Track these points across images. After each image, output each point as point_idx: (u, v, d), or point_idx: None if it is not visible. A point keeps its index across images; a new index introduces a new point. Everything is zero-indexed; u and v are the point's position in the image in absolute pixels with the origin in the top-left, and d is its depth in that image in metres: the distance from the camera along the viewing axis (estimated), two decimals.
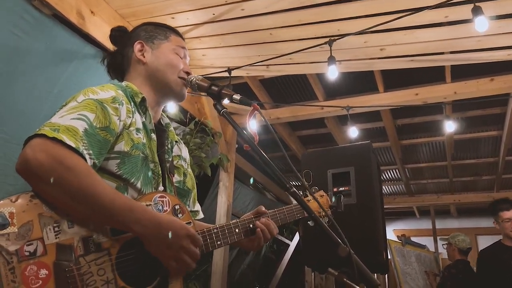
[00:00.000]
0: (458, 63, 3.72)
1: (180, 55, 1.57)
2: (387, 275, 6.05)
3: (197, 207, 1.71)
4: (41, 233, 1.08)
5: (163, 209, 1.29)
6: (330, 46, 3.18)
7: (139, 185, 1.30)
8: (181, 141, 1.72)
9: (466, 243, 4.60)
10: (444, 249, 4.95)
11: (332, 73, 3.19)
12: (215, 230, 1.37)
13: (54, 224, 1.10)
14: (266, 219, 1.52)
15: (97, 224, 1.16)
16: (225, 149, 4.58)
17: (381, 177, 5.34)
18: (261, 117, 1.32)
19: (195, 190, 1.72)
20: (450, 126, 4.13)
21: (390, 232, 8.75)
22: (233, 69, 3.74)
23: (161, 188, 1.41)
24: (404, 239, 6.04)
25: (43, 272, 1.05)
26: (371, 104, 4.45)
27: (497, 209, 3.78)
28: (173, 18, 3.13)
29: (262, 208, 1.57)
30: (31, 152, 1.08)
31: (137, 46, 1.54)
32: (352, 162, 3.19)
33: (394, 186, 7.93)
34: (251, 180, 5.97)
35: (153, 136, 1.44)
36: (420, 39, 3.31)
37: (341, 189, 3.12)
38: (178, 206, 1.33)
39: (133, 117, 1.36)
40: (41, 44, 2.54)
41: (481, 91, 4.04)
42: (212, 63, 3.80)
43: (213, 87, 1.44)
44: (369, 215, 3.01)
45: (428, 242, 7.18)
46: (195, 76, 1.52)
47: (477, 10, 2.53)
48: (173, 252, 1.19)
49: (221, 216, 4.47)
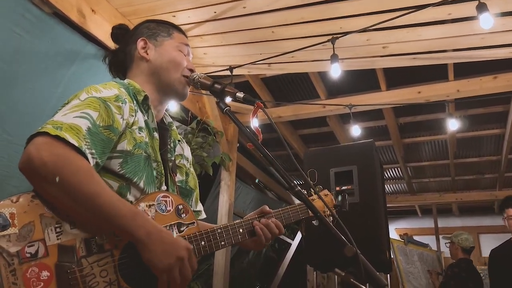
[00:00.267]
0: (461, 61, 3.70)
1: (183, 52, 1.55)
2: (389, 274, 6.03)
3: (200, 207, 1.69)
4: (43, 234, 1.06)
5: (166, 209, 1.27)
6: (333, 44, 3.16)
7: (142, 184, 1.28)
8: (184, 140, 1.70)
9: (469, 242, 4.59)
10: (447, 247, 4.93)
11: (335, 71, 3.17)
12: (219, 230, 1.35)
13: (56, 225, 1.08)
14: (266, 219, 1.50)
15: (98, 227, 1.14)
16: (227, 148, 4.56)
17: (384, 175, 5.31)
18: (264, 115, 1.30)
19: (198, 190, 1.70)
20: (453, 124, 4.11)
21: (392, 231, 8.68)
22: (234, 68, 3.71)
23: (164, 187, 1.39)
24: (407, 238, 6.03)
25: (45, 274, 1.03)
26: (373, 103, 4.43)
27: (504, 206, 3.79)
28: (174, 16, 3.11)
29: (266, 208, 1.55)
30: (35, 151, 1.06)
31: (140, 44, 1.52)
32: (355, 161, 3.17)
33: (396, 184, 7.91)
34: (257, 180, 5.95)
35: (156, 135, 1.42)
36: (423, 37, 3.29)
37: (343, 188, 3.10)
38: (181, 206, 1.31)
39: (135, 115, 1.34)
40: (43, 44, 2.52)
41: (484, 89, 4.03)
42: (213, 62, 3.78)
43: (216, 85, 1.42)
44: (372, 214, 3.00)
45: (430, 241, 7.17)
46: (198, 74, 1.50)
47: (482, 7, 2.51)
48: (169, 262, 1.12)
49: (222, 216, 4.45)
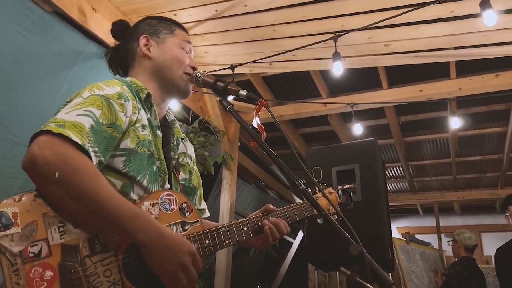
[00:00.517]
0: (463, 59, 3.69)
1: (185, 49, 1.54)
2: (391, 273, 6.02)
3: (204, 205, 1.68)
4: (46, 234, 1.05)
5: (170, 207, 1.26)
6: (335, 42, 3.15)
7: (145, 183, 1.27)
8: (187, 138, 1.69)
9: (472, 240, 4.57)
10: (449, 245, 4.91)
11: (337, 69, 3.15)
12: (223, 229, 1.34)
13: (59, 224, 1.07)
14: (275, 218, 1.48)
15: (101, 226, 1.13)
16: (228, 147, 4.55)
17: (385, 174, 5.30)
18: (265, 114, 1.29)
19: (201, 188, 1.69)
20: (455, 123, 4.10)
21: (393, 230, 8.68)
22: (236, 66, 3.70)
23: (167, 186, 1.38)
24: (409, 237, 6.01)
25: (48, 273, 1.02)
26: (374, 101, 4.41)
27: (507, 203, 3.78)
28: (175, 15, 3.10)
29: (270, 206, 1.54)
30: (38, 150, 1.05)
31: (142, 41, 1.51)
32: (357, 160, 3.17)
33: (398, 183, 7.90)
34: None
35: (159, 133, 1.41)
36: (425, 35, 3.28)
37: (346, 186, 3.09)
38: (185, 204, 1.30)
39: (138, 113, 1.33)
40: (44, 43, 2.51)
41: (486, 87, 4.01)
42: (214, 60, 3.77)
43: (219, 83, 1.41)
44: (374, 213, 3.00)
45: (432, 239, 7.15)
46: (200, 71, 1.50)
47: (485, 4, 2.50)
48: (172, 268, 1.11)
49: (224, 215, 4.45)
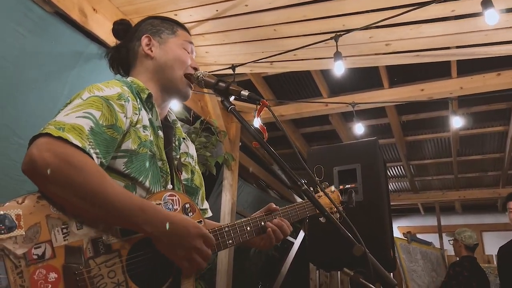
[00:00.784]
0: (464, 58, 3.69)
1: (187, 50, 1.54)
2: (392, 273, 6.02)
3: (206, 205, 1.68)
4: (49, 235, 1.04)
5: (173, 207, 1.25)
6: (336, 42, 3.14)
7: (147, 183, 1.27)
8: (188, 138, 1.69)
9: (473, 239, 4.54)
10: (451, 245, 4.90)
11: (338, 68, 3.15)
12: (226, 229, 1.34)
13: (62, 226, 1.07)
14: (279, 220, 1.48)
15: (106, 225, 1.13)
16: (229, 147, 4.55)
17: (387, 173, 5.30)
18: (266, 114, 1.29)
19: (203, 188, 1.69)
20: (457, 122, 4.09)
21: (394, 229, 8.67)
22: (237, 66, 3.70)
23: (169, 186, 1.37)
24: (410, 236, 6.00)
25: (52, 275, 1.02)
26: (375, 100, 4.41)
27: (507, 200, 3.79)
28: (176, 15, 3.10)
29: (273, 205, 1.53)
30: (37, 152, 1.05)
31: (144, 40, 1.50)
32: (359, 159, 3.16)
33: (399, 183, 7.90)
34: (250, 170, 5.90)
35: (160, 133, 1.40)
36: (426, 34, 3.27)
37: (347, 186, 3.08)
38: (188, 204, 1.30)
39: (139, 114, 1.32)
40: (46, 44, 2.51)
41: (488, 86, 4.01)
42: (215, 60, 3.77)
43: (220, 83, 1.41)
44: (376, 212, 2.99)
45: (433, 239, 7.14)
46: (202, 72, 1.49)
47: (486, 3, 2.49)
48: (185, 252, 1.16)
49: (225, 215, 4.45)
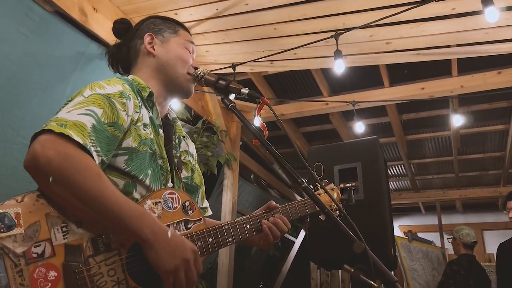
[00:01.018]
0: (464, 56, 3.68)
1: (189, 49, 1.54)
2: (393, 271, 6.01)
3: (206, 203, 1.68)
4: (49, 234, 1.04)
5: (173, 206, 1.25)
6: (336, 40, 3.14)
7: (147, 181, 1.27)
8: (188, 137, 1.69)
9: (471, 237, 4.46)
10: (450, 243, 4.87)
11: (339, 67, 3.15)
12: (226, 227, 1.34)
13: (62, 224, 1.07)
14: (274, 218, 1.48)
15: (105, 225, 1.13)
16: (230, 147, 4.55)
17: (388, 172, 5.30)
18: (266, 113, 1.29)
19: (203, 187, 1.69)
20: (457, 120, 4.09)
21: (395, 228, 8.68)
22: (237, 65, 3.70)
23: (170, 184, 1.37)
24: (411, 235, 5.99)
25: (52, 274, 1.01)
26: (376, 99, 4.41)
27: (507, 199, 3.78)
28: (176, 14, 3.10)
29: (273, 203, 1.53)
30: (40, 149, 1.04)
31: (147, 38, 1.50)
32: (359, 158, 3.15)
33: (400, 182, 7.89)
34: (252, 176, 5.93)
35: (161, 131, 1.41)
36: (426, 32, 3.27)
37: (348, 185, 3.08)
38: (188, 202, 1.29)
39: (140, 112, 1.32)
40: (48, 43, 2.52)
41: (488, 84, 4.00)
42: (216, 60, 3.76)
43: (221, 81, 1.41)
44: (377, 211, 2.98)
45: (434, 238, 7.14)
46: (202, 70, 1.49)
47: (487, 1, 2.49)
48: (175, 263, 1.11)
49: (226, 214, 4.45)
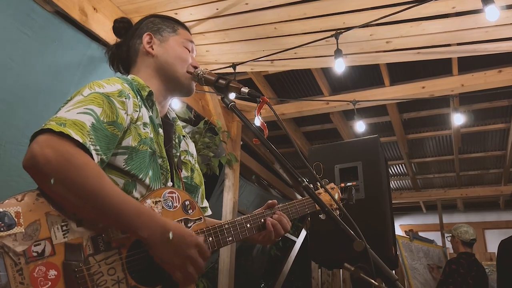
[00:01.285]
0: (465, 55, 3.68)
1: (188, 48, 1.54)
2: (394, 271, 6.00)
3: (206, 203, 1.68)
4: (49, 233, 1.04)
5: (173, 205, 1.25)
6: (337, 39, 3.14)
7: (147, 181, 1.27)
8: (188, 136, 1.69)
9: (469, 234, 4.42)
10: (449, 241, 4.85)
11: (339, 66, 3.15)
12: (226, 226, 1.34)
13: (62, 223, 1.07)
14: (279, 214, 1.48)
15: (105, 224, 1.13)
16: (230, 147, 4.55)
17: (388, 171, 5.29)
18: (267, 113, 1.29)
19: (203, 186, 1.69)
20: (458, 119, 4.08)
21: (396, 228, 8.68)
22: (237, 65, 3.70)
23: (170, 183, 1.37)
24: (412, 234, 5.99)
25: (52, 273, 1.02)
26: (377, 98, 4.40)
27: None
28: (176, 14, 3.10)
29: (272, 202, 1.54)
30: (38, 148, 1.05)
31: (145, 38, 1.50)
32: (360, 157, 3.16)
33: (401, 181, 7.89)
34: (253, 177, 5.94)
35: (161, 131, 1.41)
36: (426, 31, 3.27)
37: (348, 184, 3.07)
38: (188, 201, 1.29)
39: (140, 111, 1.32)
40: (50, 44, 2.52)
41: (489, 83, 3.99)
42: (216, 59, 3.76)
43: (221, 80, 1.41)
44: (378, 210, 2.99)
45: (435, 237, 7.12)
46: (202, 69, 1.49)
47: None
48: (179, 261, 1.13)
49: (227, 214, 4.45)
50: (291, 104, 4.77)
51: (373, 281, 1.16)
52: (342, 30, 3.16)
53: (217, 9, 3.07)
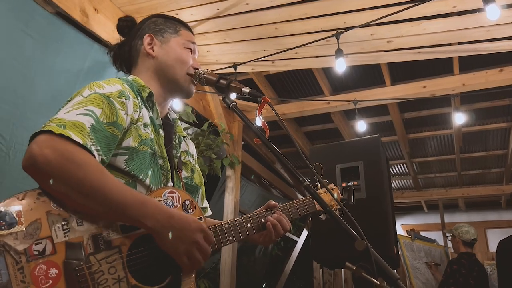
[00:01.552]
0: (466, 54, 3.68)
1: (189, 49, 1.54)
2: (396, 270, 6.00)
3: (206, 204, 1.68)
4: (50, 232, 1.04)
5: (173, 204, 1.25)
6: (337, 39, 3.14)
7: (148, 181, 1.27)
8: (188, 137, 1.69)
9: (470, 234, 4.38)
10: (449, 240, 4.83)
11: (340, 66, 3.15)
12: (226, 226, 1.34)
13: (63, 222, 1.07)
14: (278, 214, 1.49)
15: (107, 221, 1.13)
16: (232, 147, 4.55)
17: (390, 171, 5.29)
18: (268, 113, 1.29)
19: (203, 187, 1.69)
20: (459, 119, 4.08)
21: (398, 227, 8.67)
22: (238, 65, 3.70)
23: (170, 184, 1.37)
24: (414, 234, 5.98)
25: (53, 271, 1.02)
26: (378, 98, 4.40)
27: None
28: (177, 14, 3.11)
29: (272, 202, 1.54)
30: (38, 149, 1.05)
31: (146, 39, 1.50)
32: (361, 157, 3.15)
33: (402, 180, 7.88)
34: (252, 176, 5.94)
35: (161, 131, 1.41)
36: (427, 30, 3.27)
37: (350, 183, 3.08)
38: (188, 201, 1.30)
39: (140, 112, 1.32)
40: (53, 44, 2.52)
41: (490, 82, 4.00)
42: (217, 60, 3.77)
43: (222, 81, 1.41)
44: (379, 210, 2.98)
45: (436, 236, 7.12)
46: (203, 69, 1.49)
47: None
48: (185, 246, 1.15)
49: (228, 214, 4.45)
50: (292, 104, 4.77)
51: (375, 280, 1.16)
52: (343, 30, 3.16)
53: (218, 10, 3.08)
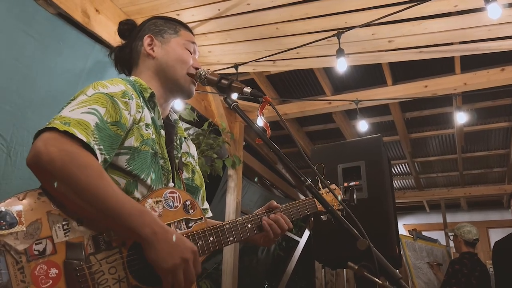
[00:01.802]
0: (467, 54, 3.67)
1: (190, 50, 1.54)
2: (398, 270, 5.98)
3: (206, 205, 1.68)
4: (50, 232, 1.05)
5: (173, 205, 1.25)
6: (339, 39, 3.14)
7: (149, 181, 1.27)
8: (189, 138, 1.69)
9: (472, 234, 4.37)
10: (451, 240, 4.82)
11: (341, 65, 3.15)
12: (227, 226, 1.34)
13: (63, 222, 1.07)
14: (275, 215, 1.48)
15: (105, 224, 1.13)
16: (233, 147, 4.55)
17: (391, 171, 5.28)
18: (269, 113, 1.29)
19: (204, 188, 1.69)
20: (461, 118, 4.07)
21: (400, 227, 8.64)
22: (239, 65, 3.70)
23: (171, 184, 1.37)
24: (416, 234, 5.97)
25: (53, 271, 1.02)
26: (379, 98, 4.40)
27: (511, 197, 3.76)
28: (178, 15, 3.11)
29: (274, 203, 1.54)
30: (43, 146, 1.05)
31: (146, 40, 1.51)
32: (363, 156, 3.14)
33: (404, 180, 7.87)
34: (256, 179, 5.95)
35: (162, 132, 1.41)
36: (428, 30, 3.26)
37: (351, 183, 3.07)
38: (189, 201, 1.30)
39: (142, 112, 1.33)
40: (55, 46, 2.53)
41: (492, 81, 3.99)
42: (218, 60, 3.77)
43: (223, 81, 1.41)
44: (381, 210, 2.97)
45: (439, 236, 7.10)
46: (204, 70, 1.49)
47: None
48: (174, 262, 1.09)
49: (230, 214, 4.45)
50: (294, 104, 4.77)
51: (377, 279, 1.15)
52: (344, 30, 3.16)
53: (219, 10, 3.08)
